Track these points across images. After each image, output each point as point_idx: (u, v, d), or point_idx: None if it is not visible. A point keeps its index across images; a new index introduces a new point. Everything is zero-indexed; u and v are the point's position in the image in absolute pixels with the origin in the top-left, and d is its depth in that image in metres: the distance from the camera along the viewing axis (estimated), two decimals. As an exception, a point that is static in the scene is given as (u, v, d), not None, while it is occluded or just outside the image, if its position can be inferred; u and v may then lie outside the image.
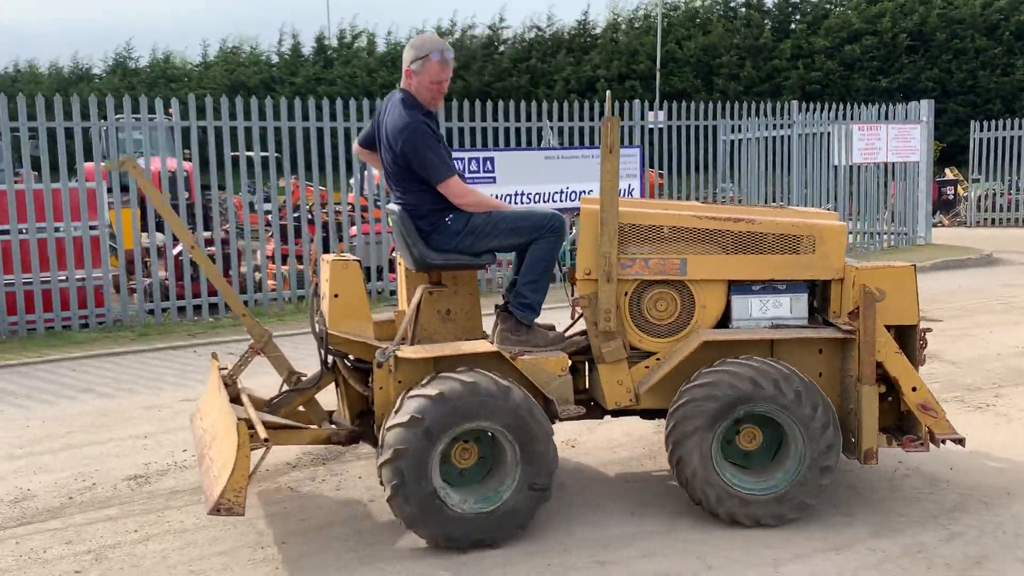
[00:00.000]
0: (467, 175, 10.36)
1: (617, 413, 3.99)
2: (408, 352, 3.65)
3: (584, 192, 11.07)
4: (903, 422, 3.90)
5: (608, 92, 4.40)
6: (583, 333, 4.11)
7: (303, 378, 4.13)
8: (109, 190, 9.18)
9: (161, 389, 6.41)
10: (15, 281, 8.34)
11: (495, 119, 11.05)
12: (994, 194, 19.34)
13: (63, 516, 4.04)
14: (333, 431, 3.97)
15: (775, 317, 3.87)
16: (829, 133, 13.89)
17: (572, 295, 4.19)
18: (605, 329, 3.78)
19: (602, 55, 36.29)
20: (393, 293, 10.08)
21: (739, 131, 13.34)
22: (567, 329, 4.30)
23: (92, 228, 8.67)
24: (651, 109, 12.42)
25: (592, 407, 4.01)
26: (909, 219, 14.91)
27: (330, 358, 4.04)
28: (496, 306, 4.14)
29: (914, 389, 3.74)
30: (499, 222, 3.95)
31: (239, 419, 3.35)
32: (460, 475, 3.60)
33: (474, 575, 3.36)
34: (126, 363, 7.32)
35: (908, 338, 3.84)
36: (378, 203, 10.52)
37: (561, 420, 3.76)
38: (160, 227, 9.28)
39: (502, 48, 39.11)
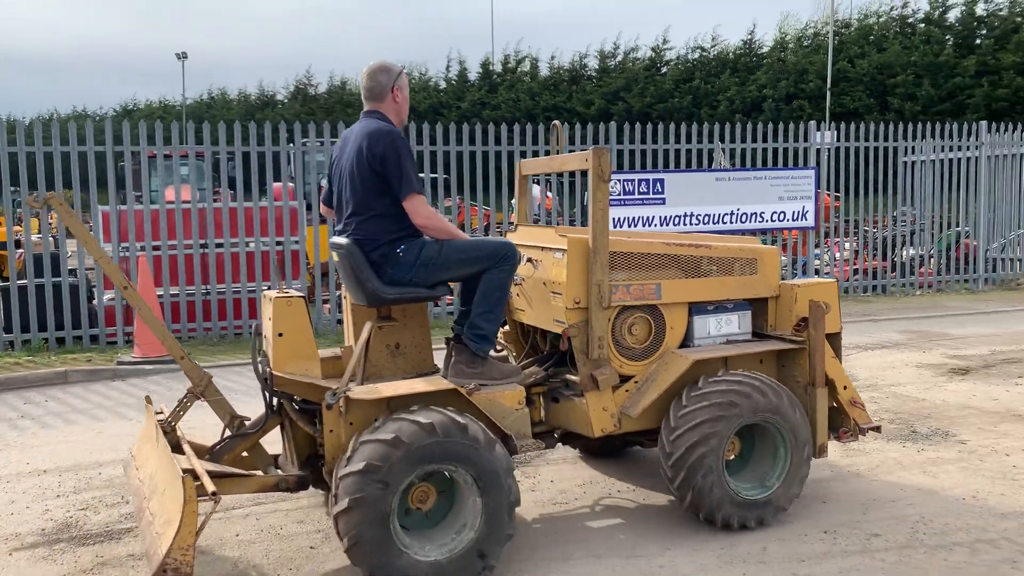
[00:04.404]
0: (636, 196, 10.47)
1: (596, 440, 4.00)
2: (359, 392, 3.48)
3: (755, 215, 10.94)
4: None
5: (556, 123, 4.67)
6: (539, 363, 4.21)
7: (246, 422, 3.96)
8: (308, 207, 9.93)
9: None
10: (210, 290, 9.35)
11: (665, 141, 11.12)
12: None
13: (292, 499, 4.42)
14: (281, 477, 3.78)
15: (728, 333, 4.20)
16: (1022, 155, 13.06)
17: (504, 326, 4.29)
18: (597, 356, 3.82)
19: (768, 75, 35.50)
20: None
21: (915, 152, 12.75)
22: (521, 360, 4.34)
23: (278, 244, 9.50)
24: (818, 130, 12.14)
25: (544, 439, 4.02)
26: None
27: (275, 400, 3.87)
28: (447, 339, 4.04)
29: (844, 388, 4.22)
30: (451, 252, 3.82)
31: (183, 471, 3.16)
32: (409, 515, 3.43)
33: None
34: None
35: (835, 343, 4.26)
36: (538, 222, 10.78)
37: (519, 453, 3.70)
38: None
39: (664, 70, 39.01)
